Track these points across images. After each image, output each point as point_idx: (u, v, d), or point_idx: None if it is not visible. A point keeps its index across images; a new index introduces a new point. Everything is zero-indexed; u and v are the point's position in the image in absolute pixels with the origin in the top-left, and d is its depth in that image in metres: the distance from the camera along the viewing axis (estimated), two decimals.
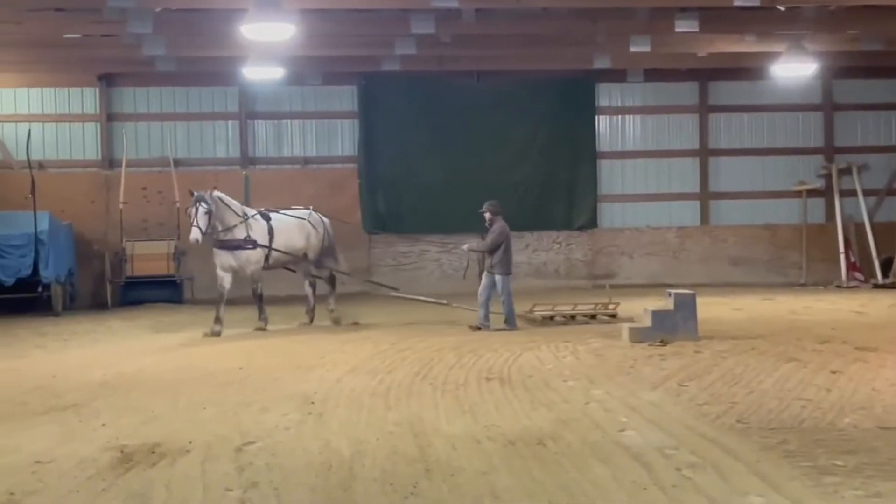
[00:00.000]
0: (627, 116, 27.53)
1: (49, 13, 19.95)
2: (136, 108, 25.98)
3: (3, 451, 9.16)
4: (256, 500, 7.50)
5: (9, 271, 21.85)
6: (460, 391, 11.78)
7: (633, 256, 27.06)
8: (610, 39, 22.40)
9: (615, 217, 27.32)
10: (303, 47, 20.45)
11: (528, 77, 26.06)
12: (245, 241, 17.97)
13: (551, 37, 22.27)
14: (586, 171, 26.87)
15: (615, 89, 27.29)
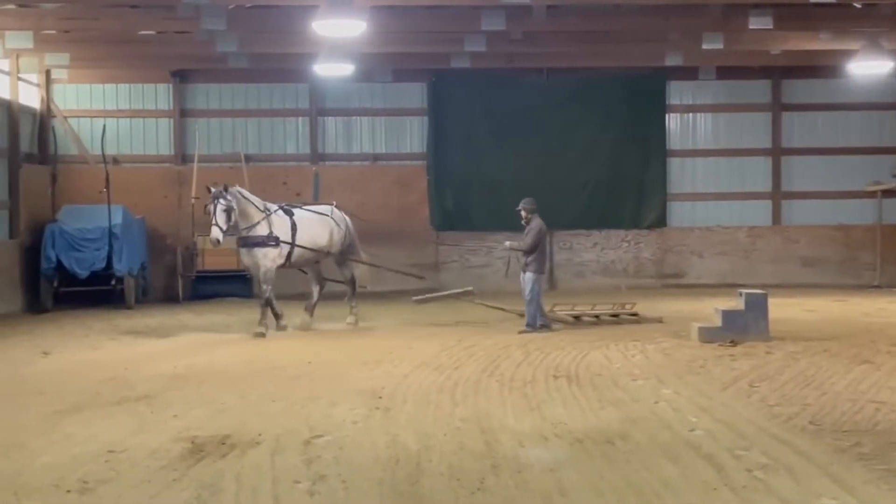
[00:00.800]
0: (699, 114, 27.16)
1: (124, 9, 20.23)
2: (209, 104, 26.16)
3: (78, 441, 9.34)
4: (324, 492, 7.55)
5: (83, 264, 22.17)
6: (528, 388, 11.79)
7: (702, 256, 26.74)
8: (682, 37, 22.24)
9: (685, 216, 26.98)
10: (373, 44, 20.48)
11: (598, 74, 25.85)
12: (268, 238, 17.36)
13: (622, 34, 22.10)
14: (656, 170, 26.59)
15: (687, 87, 26.92)
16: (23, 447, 9.06)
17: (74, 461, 8.50)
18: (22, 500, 7.39)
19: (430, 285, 21.71)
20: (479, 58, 22.88)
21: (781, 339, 15.29)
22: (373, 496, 7.43)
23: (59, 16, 20.38)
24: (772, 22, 19.37)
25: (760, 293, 15.84)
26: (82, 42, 22.65)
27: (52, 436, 9.53)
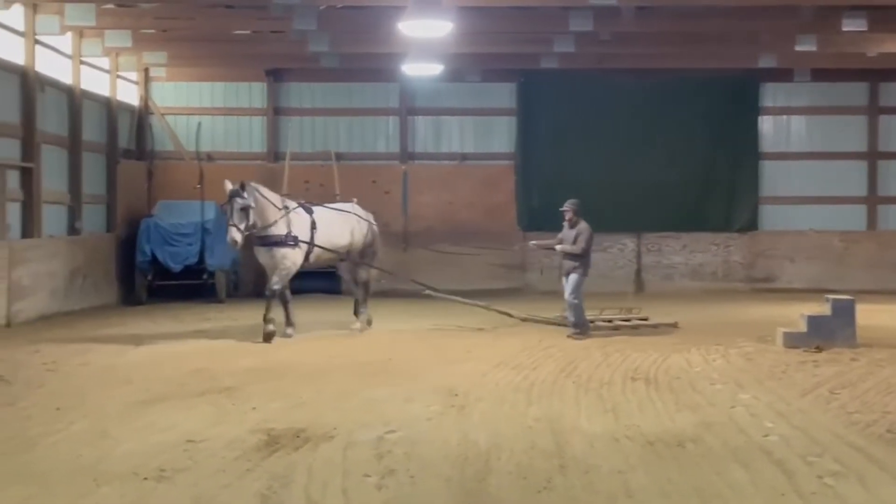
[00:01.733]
0: (793, 117, 26.75)
1: (220, 10, 20.60)
2: (302, 102, 26.47)
3: (159, 429, 9.59)
4: (392, 487, 7.66)
5: (177, 258, 22.65)
6: (604, 390, 11.78)
7: (794, 260, 26.31)
8: (774, 38, 21.92)
9: (777, 219, 26.56)
10: (462, 44, 20.54)
11: (689, 76, 25.53)
12: (287, 238, 16.23)
13: (714, 35, 21.86)
14: (748, 172, 26.23)
15: (781, 89, 26.51)
16: (106, 435, 9.34)
17: (154, 449, 8.73)
18: (101, 486, 7.62)
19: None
20: (568, 58, 22.84)
21: (868, 346, 15.01)
22: (439, 492, 7.51)
23: (157, 15, 20.82)
24: (866, 24, 19.02)
25: (848, 299, 15.57)
26: (179, 41, 23.12)
27: (134, 424, 9.80)
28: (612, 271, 26.07)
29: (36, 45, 19.49)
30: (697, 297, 24.05)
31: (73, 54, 21.63)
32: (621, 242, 26.21)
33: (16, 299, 17.94)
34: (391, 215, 25.56)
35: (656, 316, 18.28)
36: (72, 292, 20.48)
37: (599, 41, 21.38)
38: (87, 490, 7.52)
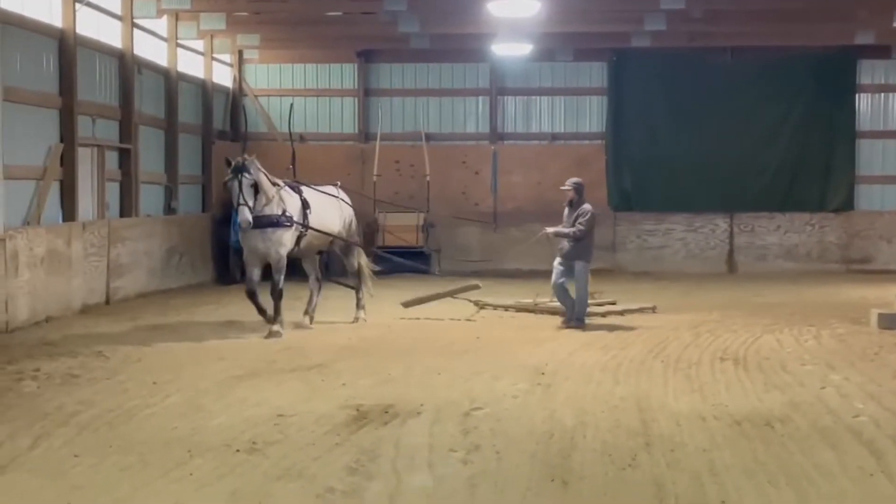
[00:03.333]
0: (891, 94, 26.16)
1: None
2: (392, 83, 26.64)
3: (251, 404, 9.78)
4: (477, 462, 7.74)
5: None
6: (692, 370, 11.73)
7: (891, 241, 25.76)
8: (872, 14, 21.47)
9: (874, 199, 26.07)
10: (552, 23, 20.52)
11: (784, 53, 25.17)
12: (283, 218, 14.25)
13: (809, 11, 21.56)
14: (843, 151, 25.74)
15: (879, 66, 25.93)
16: (200, 409, 9.56)
17: (246, 423, 8.92)
18: (194, 457, 7.82)
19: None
20: (660, 37, 22.65)
21: None
22: (524, 468, 7.57)
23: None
24: None
25: None
26: (272, 24, 23.43)
27: (227, 399, 10.00)
28: (704, 252, 25.92)
29: (133, 28, 19.91)
30: (791, 277, 23.71)
31: (170, 37, 22.05)
32: (713, 223, 25.95)
33: (115, 277, 18.37)
34: (481, 195, 25.73)
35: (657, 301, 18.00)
36: (168, 271, 20.90)
37: (691, 19, 21.20)
38: (182, 460, 7.72)
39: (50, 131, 16.98)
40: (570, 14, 20.63)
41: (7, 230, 14.68)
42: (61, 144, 17.14)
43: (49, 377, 11.00)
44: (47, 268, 15.65)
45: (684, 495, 6.88)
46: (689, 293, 20.18)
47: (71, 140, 17.31)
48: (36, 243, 15.46)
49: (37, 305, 15.35)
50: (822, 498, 6.83)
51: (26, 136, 16.07)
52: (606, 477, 7.35)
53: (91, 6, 18.26)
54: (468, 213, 25.57)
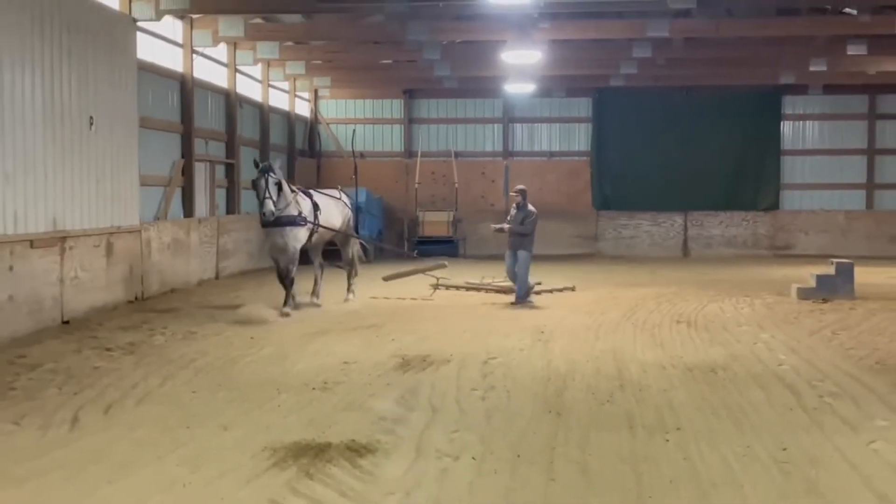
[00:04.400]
0: (808, 122, 25.86)
1: (369, 45, 20.84)
2: (429, 113, 26.56)
3: (323, 354, 9.81)
4: (493, 398, 7.74)
5: None
6: (655, 330, 11.65)
7: (808, 233, 25.48)
8: (794, 60, 21.24)
9: (794, 201, 25.73)
10: (550, 68, 20.38)
11: (727, 90, 24.86)
12: (299, 218, 13.09)
13: (745, 59, 21.27)
14: (772, 165, 25.45)
15: (798, 100, 25.56)
16: (285, 358, 9.59)
17: (319, 368, 8.96)
18: (281, 393, 7.87)
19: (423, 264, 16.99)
20: (632, 78, 22.44)
21: (865, 298, 14.51)
22: (528, 402, 7.57)
23: (324, 50, 21.15)
24: (866, 49, 18.33)
25: (848, 262, 15.09)
26: (340, 69, 23.40)
27: (305, 350, 10.03)
28: (665, 241, 25.77)
29: (236, 73, 19.94)
30: (731, 261, 23.54)
31: (263, 79, 22.06)
32: (672, 219, 25.75)
33: (222, 259, 18.44)
34: (495, 198, 25.63)
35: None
36: (262, 255, 20.80)
37: (656, 65, 21.03)
38: (272, 396, 7.77)
39: (174, 150, 17.05)
40: (563, 61, 20.47)
41: (143, 224, 14.78)
42: (182, 160, 17.22)
43: (174, 333, 11.07)
44: (172, 252, 15.75)
45: (649, 423, 6.86)
46: (654, 272, 20.06)
47: (189, 156, 17.38)
48: (164, 234, 15.55)
49: (164, 280, 15.45)
50: (753, 426, 6.78)
51: (156, 153, 16.15)
52: (590, 410, 7.34)
53: (204, 56, 18.29)
54: (486, 213, 25.48)
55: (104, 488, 5.33)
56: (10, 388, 7.99)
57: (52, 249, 11.64)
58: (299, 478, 5.48)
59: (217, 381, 8.40)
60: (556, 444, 6.26)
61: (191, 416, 7.03)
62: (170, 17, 16.13)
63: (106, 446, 6.23)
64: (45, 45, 11.44)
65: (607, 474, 5.60)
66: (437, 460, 5.87)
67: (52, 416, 7.01)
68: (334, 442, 6.21)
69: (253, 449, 6.07)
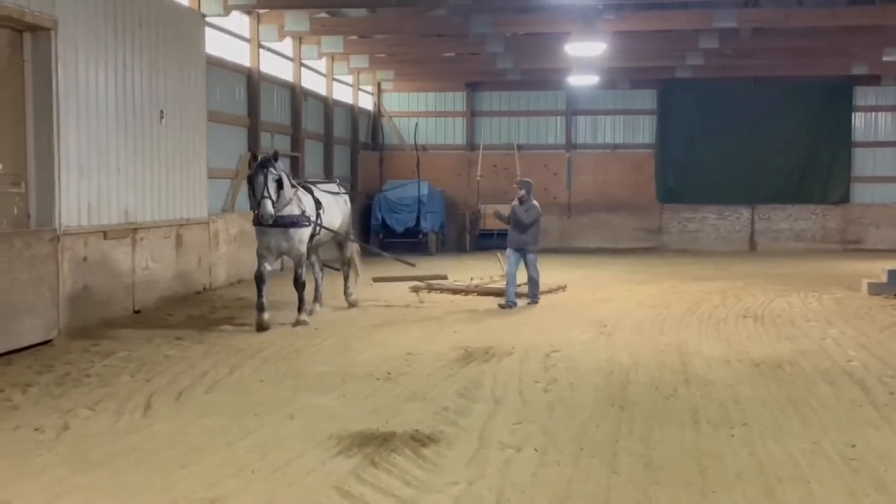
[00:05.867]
0: (880, 113, 25.21)
1: (432, 38, 20.87)
2: (492, 106, 26.52)
3: (387, 345, 9.92)
4: (555, 391, 7.75)
5: (400, 223, 23.20)
6: (721, 324, 11.52)
7: (879, 227, 24.82)
8: (866, 50, 20.73)
9: (865, 194, 25.09)
10: (614, 60, 20.25)
11: (796, 81, 24.40)
12: (302, 217, 11.39)
13: (816, 49, 20.86)
14: (842, 157, 24.86)
15: (870, 91, 24.91)
16: (350, 348, 9.73)
17: (383, 359, 9.06)
18: (346, 382, 7.99)
19: (420, 272, 15.60)
20: (699, 69, 22.15)
21: None
22: (590, 395, 7.57)
23: (387, 44, 21.29)
24: None
25: None
26: (403, 62, 23.53)
27: (369, 341, 10.16)
28: (731, 235, 25.37)
29: (301, 67, 20.20)
30: (799, 255, 23.07)
31: (327, 73, 22.30)
32: (738, 212, 25.33)
33: None
34: (558, 190, 25.57)
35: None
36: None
37: (723, 55, 20.70)
38: (336, 385, 7.90)
39: (240, 144, 17.34)
40: (627, 53, 20.29)
41: (210, 216, 15.08)
42: (249, 153, 17.45)
43: (241, 323, 11.29)
44: (238, 243, 16.01)
45: (714, 418, 6.80)
46: (719, 266, 19.78)
47: (256, 149, 17.59)
48: (231, 225, 15.84)
49: (231, 271, 15.73)
50: (820, 422, 6.68)
51: (224, 147, 16.45)
52: (654, 403, 7.30)
53: (270, 51, 18.56)
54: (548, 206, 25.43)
55: (177, 472, 5.49)
56: (85, 375, 8.26)
57: (125, 241, 11.97)
58: (364, 466, 5.58)
59: (283, 370, 8.56)
60: (619, 438, 6.25)
61: (258, 405, 7.18)
62: (237, 13, 16.42)
63: (177, 432, 6.41)
64: (119, 42, 11.75)
65: (671, 468, 5.58)
66: (500, 451, 5.91)
67: (126, 403, 7.23)
68: (398, 431, 6.29)
69: (319, 437, 6.19)
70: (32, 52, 10.13)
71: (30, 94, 10.13)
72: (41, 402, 7.27)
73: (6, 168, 9.84)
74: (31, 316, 9.62)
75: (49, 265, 10.03)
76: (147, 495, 5.06)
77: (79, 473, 5.48)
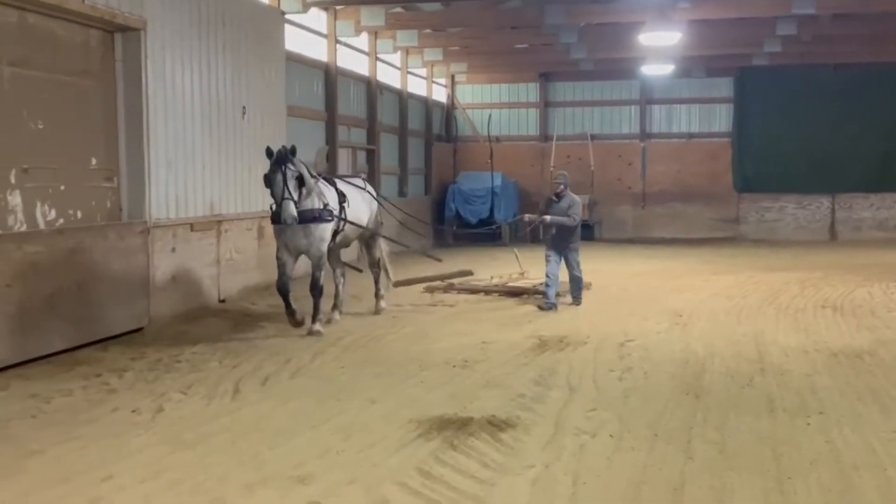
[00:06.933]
0: None
1: (506, 30, 20.94)
2: (565, 97, 26.48)
3: (462, 334, 10.09)
4: (629, 379, 7.82)
5: (474, 213, 23.39)
6: (799, 314, 11.41)
7: None
8: None
9: None
10: (689, 48, 20.00)
11: (877, 67, 23.68)
12: (324, 211, 10.16)
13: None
14: None
15: None
16: (427, 336, 9.95)
17: (460, 347, 9.24)
18: (424, 370, 8.19)
19: (446, 268, 14.43)
20: (776, 56, 21.77)
21: None
22: (665, 385, 7.62)
23: (461, 37, 21.43)
24: None
25: None
26: (476, 55, 23.64)
27: (446, 330, 10.36)
28: (811, 224, 24.94)
29: (377, 61, 20.49)
30: (881, 244, 22.48)
31: (402, 67, 22.56)
32: (818, 201, 24.87)
33: None
34: (632, 180, 25.51)
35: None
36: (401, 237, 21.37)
37: (802, 42, 20.29)
38: (415, 372, 8.11)
39: (319, 137, 17.68)
40: (703, 41, 20.03)
41: None
42: (326, 146, 17.84)
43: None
44: None
45: (790, 407, 6.81)
46: (798, 256, 19.46)
47: (333, 143, 17.98)
48: None
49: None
50: None
51: (303, 140, 16.67)
52: (729, 392, 7.33)
53: (346, 46, 18.88)
54: (622, 196, 25.42)
55: (265, 453, 5.75)
56: (176, 361, 8.64)
57: (210, 232, 12.39)
58: (444, 448, 5.76)
59: (363, 357, 8.81)
60: (694, 425, 6.31)
61: (341, 390, 7.43)
62: (315, 9, 16.74)
63: (265, 415, 6.69)
64: (203, 42, 12.14)
65: (746, 455, 5.63)
66: (576, 437, 6.04)
67: (216, 387, 7.55)
68: (476, 416, 6.46)
69: (400, 421, 6.40)
70: (123, 52, 10.56)
71: (121, 93, 10.57)
72: (136, 386, 7.65)
73: (100, 163, 10.31)
74: (123, 305, 10.07)
75: (140, 256, 10.48)
76: (239, 474, 5.33)
77: (174, 453, 5.79)
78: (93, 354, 8.94)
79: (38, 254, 8.73)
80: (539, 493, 4.99)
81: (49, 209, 9.36)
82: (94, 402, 7.10)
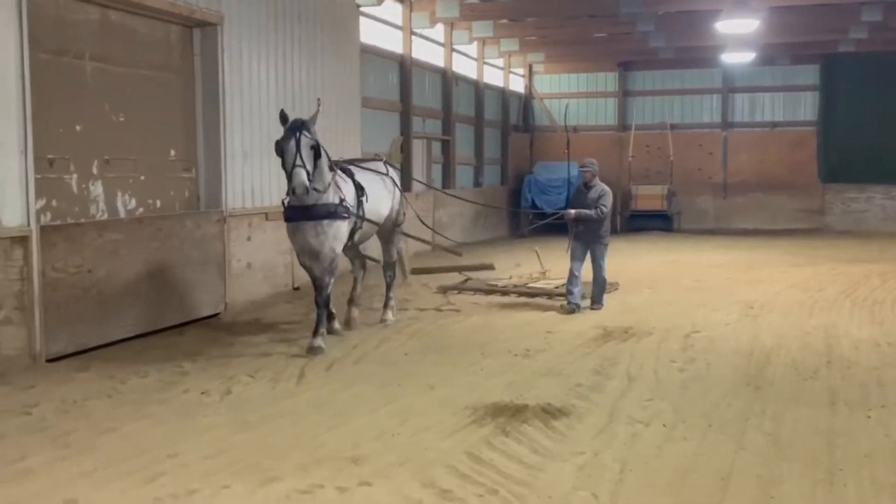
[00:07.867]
0: None
1: (583, 19, 20.84)
2: (644, 86, 26.19)
3: (525, 324, 10.16)
4: (691, 370, 7.79)
5: (549, 204, 23.21)
6: (876, 308, 11.14)
7: None
8: None
9: None
10: (772, 35, 19.59)
11: None
12: (341, 207, 8.78)
13: None
14: None
15: None
16: (490, 326, 10.03)
17: (523, 337, 9.33)
18: (485, 358, 8.31)
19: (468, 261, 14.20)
20: (863, 43, 21.12)
21: None
22: (727, 376, 7.57)
23: (538, 26, 21.37)
24: None
25: None
26: (554, 44, 23.57)
27: (509, 320, 10.43)
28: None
29: (452, 52, 20.63)
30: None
31: (478, 57, 22.65)
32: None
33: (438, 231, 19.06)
34: (713, 170, 25.14)
35: None
36: (475, 228, 21.63)
37: (889, 28, 19.61)
38: (476, 360, 8.23)
39: (393, 128, 17.93)
40: (786, 28, 19.58)
41: None
42: (401, 137, 18.07)
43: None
44: None
45: (852, 400, 6.72)
46: (884, 248, 18.87)
47: (408, 134, 18.21)
48: None
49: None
50: None
51: (377, 131, 17.05)
52: (791, 385, 7.25)
53: (421, 37, 19.06)
54: (703, 186, 25.03)
55: (324, 434, 5.95)
56: (248, 346, 8.94)
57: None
58: (495, 434, 5.88)
59: (427, 345, 8.97)
60: (751, 416, 6.28)
61: (402, 376, 7.60)
62: (390, 1, 16.96)
63: (327, 398, 6.91)
64: (279, 35, 12.46)
65: (799, 446, 5.60)
66: (628, 426, 6.08)
67: (283, 372, 7.81)
68: (531, 404, 6.55)
69: (456, 407, 6.53)
70: (201, 47, 10.94)
71: (199, 86, 10.95)
72: (208, 369, 7.96)
73: (179, 154, 10.70)
74: (201, 291, 10.45)
75: (217, 244, 10.85)
76: (296, 453, 5.54)
77: (238, 433, 6.03)
78: (170, 338, 9.33)
79: (118, 241, 9.13)
80: (585, 478, 5.06)
81: (129, 198, 9.78)
82: (167, 383, 7.43)
